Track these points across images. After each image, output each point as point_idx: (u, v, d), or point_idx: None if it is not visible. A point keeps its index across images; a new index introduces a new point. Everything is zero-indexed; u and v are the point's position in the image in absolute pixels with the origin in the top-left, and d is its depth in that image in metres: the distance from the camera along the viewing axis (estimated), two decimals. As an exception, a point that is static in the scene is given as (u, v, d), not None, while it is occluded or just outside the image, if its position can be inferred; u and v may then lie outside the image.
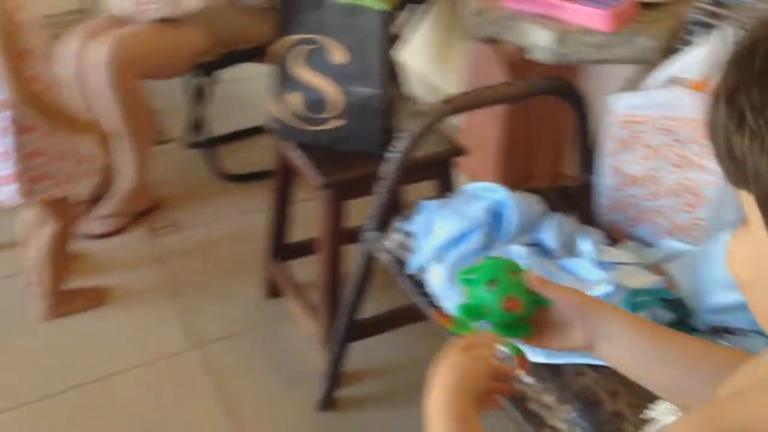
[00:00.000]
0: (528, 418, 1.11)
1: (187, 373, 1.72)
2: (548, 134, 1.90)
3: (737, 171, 0.44)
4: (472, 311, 0.68)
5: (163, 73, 2.16)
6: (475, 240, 1.29)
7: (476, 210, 1.33)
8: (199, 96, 2.30)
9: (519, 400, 1.13)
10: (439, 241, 1.30)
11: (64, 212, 1.76)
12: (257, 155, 2.48)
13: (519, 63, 1.91)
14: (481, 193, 1.37)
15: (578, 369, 1.10)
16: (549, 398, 1.09)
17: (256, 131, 2.58)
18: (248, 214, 2.22)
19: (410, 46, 2.42)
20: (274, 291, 1.91)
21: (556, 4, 1.58)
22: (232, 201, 2.29)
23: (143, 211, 2.21)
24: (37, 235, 1.78)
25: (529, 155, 2.04)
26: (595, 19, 1.52)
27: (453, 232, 1.30)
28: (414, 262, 1.34)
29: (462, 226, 1.30)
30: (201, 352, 1.77)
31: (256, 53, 2.20)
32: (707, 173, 1.26)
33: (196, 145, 2.47)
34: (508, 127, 2.04)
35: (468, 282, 0.70)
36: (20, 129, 1.60)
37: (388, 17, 1.52)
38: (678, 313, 1.16)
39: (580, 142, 1.57)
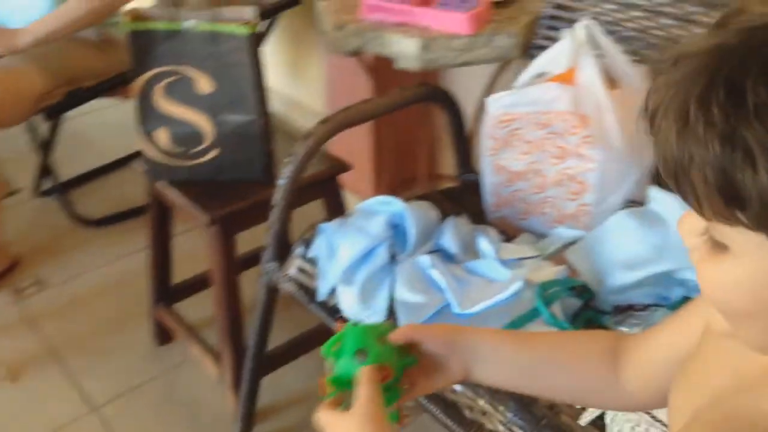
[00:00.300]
0: (465, 427, 1.13)
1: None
2: (419, 138, 1.94)
3: (737, 209, 0.44)
4: (344, 384, 0.66)
5: (4, 122, 1.98)
6: (381, 256, 1.29)
7: (376, 226, 1.33)
8: (45, 141, 2.13)
9: (453, 410, 1.15)
10: (345, 262, 1.29)
11: None
12: (117, 193, 2.35)
13: (381, 71, 1.93)
14: (377, 208, 1.37)
15: (506, 369, 1.12)
16: (482, 403, 1.11)
17: (110, 168, 2.44)
18: (121, 259, 2.10)
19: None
20: (165, 337, 1.82)
21: (412, 12, 1.61)
22: (100, 247, 2.15)
23: (1, 272, 2.03)
24: None
25: (403, 161, 2.07)
26: (455, 23, 1.56)
27: (357, 252, 1.29)
28: (322, 288, 1.32)
29: (365, 244, 1.29)
30: (99, 416, 1.65)
31: (102, 88, 2.08)
32: (586, 161, 1.32)
33: (47, 193, 2.30)
34: (378, 135, 2.06)
35: (336, 354, 0.68)
36: None
37: (253, 40, 1.48)
38: (584, 298, 1.21)
39: (455, 143, 1.61)
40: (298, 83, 2.71)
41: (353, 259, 1.29)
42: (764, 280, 0.46)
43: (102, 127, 2.67)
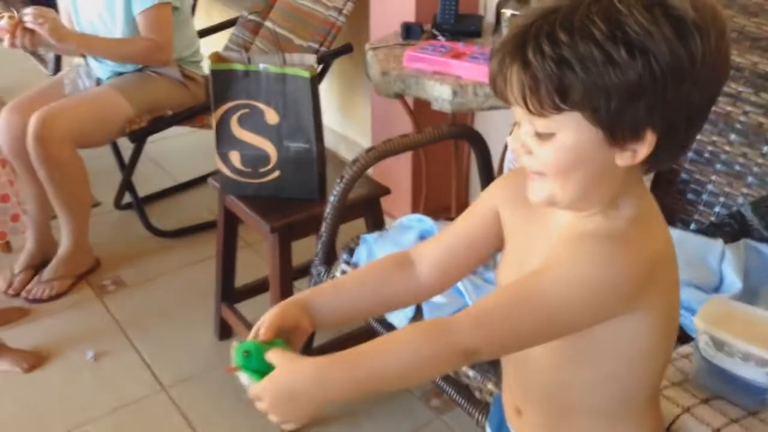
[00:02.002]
0: (475, 405, 1.37)
1: (157, 414, 1.88)
2: (452, 171, 2.21)
3: (562, 101, 0.72)
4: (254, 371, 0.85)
5: (96, 141, 2.33)
6: (412, 263, 1.55)
7: (410, 238, 1.60)
8: (129, 160, 2.46)
9: (466, 393, 1.38)
10: (382, 267, 1.55)
11: None
12: (187, 210, 2.69)
13: (420, 112, 2.22)
14: (412, 224, 1.64)
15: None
16: (490, 386, 1.35)
17: (182, 188, 2.79)
18: (189, 266, 2.41)
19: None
20: (226, 333, 2.10)
21: (448, 63, 1.89)
22: (171, 255, 2.47)
23: (85, 271, 2.34)
24: None
25: (437, 191, 2.34)
26: (482, 73, 1.84)
27: (393, 259, 1.55)
28: (362, 288, 1.58)
29: (400, 253, 1.56)
30: (167, 395, 1.93)
31: (181, 117, 2.41)
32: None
33: (127, 206, 2.64)
34: (416, 168, 2.33)
35: (243, 362, 0.86)
36: None
37: (314, 82, 1.77)
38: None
39: (483, 175, 1.88)
40: (347, 121, 3.02)
41: (389, 264, 1.55)
42: (580, 141, 0.75)
43: (177, 151, 3.03)
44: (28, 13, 2.14)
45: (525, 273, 0.85)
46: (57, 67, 2.75)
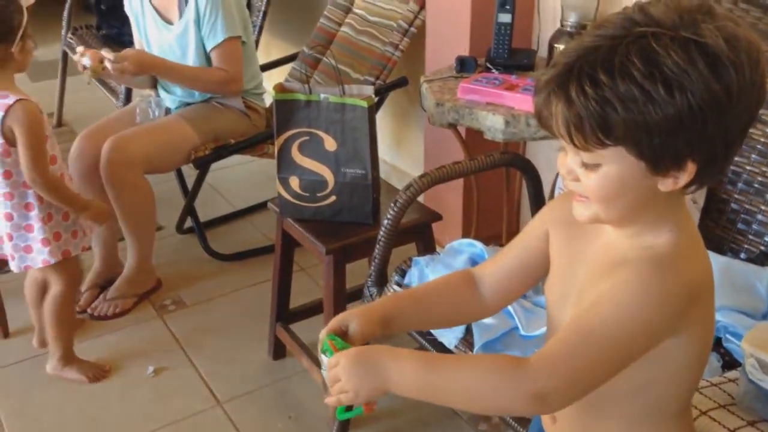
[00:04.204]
0: (523, 425, 1.40)
1: (212, 428, 1.95)
2: (502, 199, 2.26)
3: (606, 136, 0.77)
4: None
5: (163, 167, 2.45)
6: (462, 285, 1.60)
7: (460, 262, 1.65)
8: (193, 186, 2.58)
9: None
10: (433, 288, 1.60)
11: (71, 272, 1.98)
12: (245, 235, 2.80)
13: (472, 142, 2.28)
14: (463, 248, 1.69)
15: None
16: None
17: (240, 214, 2.90)
18: (246, 288, 2.50)
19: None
20: (280, 353, 2.17)
21: (501, 94, 1.96)
22: (229, 277, 2.56)
23: (148, 291, 2.45)
24: (45, 298, 2.05)
25: (489, 218, 2.39)
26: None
27: (444, 280, 1.60)
28: (413, 308, 1.63)
29: (451, 275, 1.61)
30: (222, 410, 2.00)
31: (243, 146, 2.52)
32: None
33: (189, 230, 2.75)
34: (468, 195, 2.38)
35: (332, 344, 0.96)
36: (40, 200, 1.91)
37: (371, 111, 1.85)
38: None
39: (534, 204, 1.92)
40: (399, 153, 3.10)
41: (440, 285, 1.60)
42: (624, 172, 0.80)
43: (236, 180, 3.15)
44: (111, 61, 2.25)
45: (572, 289, 0.91)
46: (127, 98, 2.89)
